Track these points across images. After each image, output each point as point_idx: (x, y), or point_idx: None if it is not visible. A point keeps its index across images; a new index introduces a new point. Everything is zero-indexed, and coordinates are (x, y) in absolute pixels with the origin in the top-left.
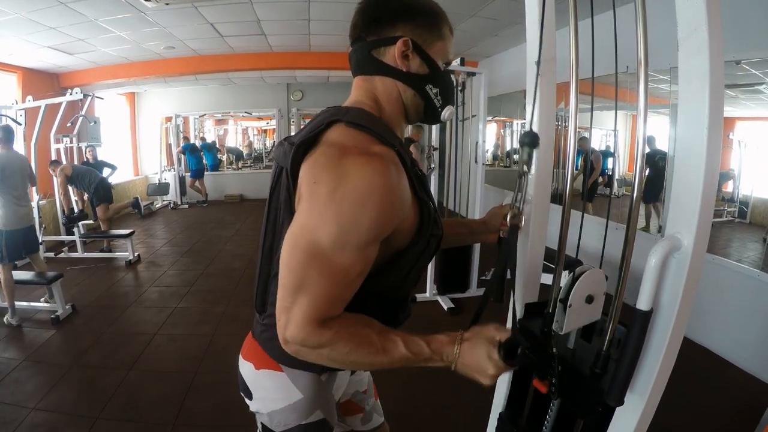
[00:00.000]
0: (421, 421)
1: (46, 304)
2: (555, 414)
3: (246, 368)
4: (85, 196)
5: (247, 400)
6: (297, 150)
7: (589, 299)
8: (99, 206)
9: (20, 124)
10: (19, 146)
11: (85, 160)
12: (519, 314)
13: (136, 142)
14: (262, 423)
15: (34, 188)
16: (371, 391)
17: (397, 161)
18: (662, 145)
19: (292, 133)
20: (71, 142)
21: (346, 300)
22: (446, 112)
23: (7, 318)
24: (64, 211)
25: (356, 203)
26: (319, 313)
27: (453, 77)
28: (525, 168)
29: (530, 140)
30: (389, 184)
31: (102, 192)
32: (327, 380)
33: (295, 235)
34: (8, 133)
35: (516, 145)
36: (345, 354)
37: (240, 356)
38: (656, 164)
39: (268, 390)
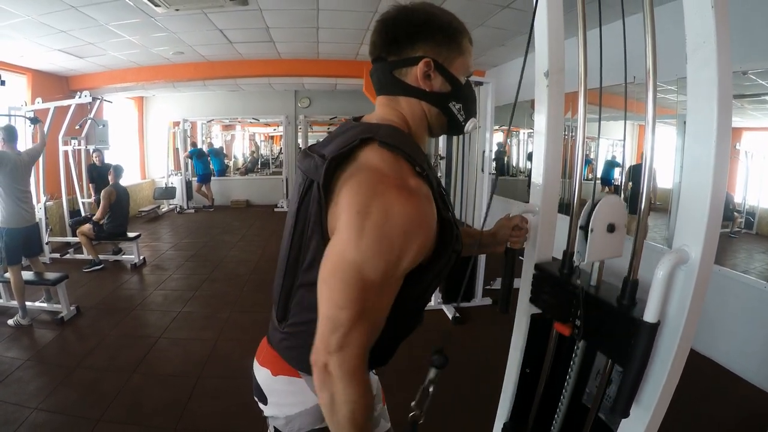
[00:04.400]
0: (424, 430)
1: (56, 305)
2: (580, 358)
3: (262, 374)
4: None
5: (261, 405)
6: (329, 165)
7: (611, 228)
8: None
9: (38, 121)
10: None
11: (92, 163)
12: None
13: (144, 145)
14: (275, 427)
15: (41, 189)
16: (380, 396)
17: (429, 194)
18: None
19: (299, 140)
20: (79, 145)
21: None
22: (470, 125)
23: (17, 319)
24: (70, 212)
25: (401, 238)
26: (368, 343)
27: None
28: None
29: (440, 363)
30: (426, 221)
31: (105, 233)
32: None
33: (341, 262)
34: (11, 133)
35: (523, 155)
36: (342, 402)
37: (256, 362)
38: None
39: (284, 395)
